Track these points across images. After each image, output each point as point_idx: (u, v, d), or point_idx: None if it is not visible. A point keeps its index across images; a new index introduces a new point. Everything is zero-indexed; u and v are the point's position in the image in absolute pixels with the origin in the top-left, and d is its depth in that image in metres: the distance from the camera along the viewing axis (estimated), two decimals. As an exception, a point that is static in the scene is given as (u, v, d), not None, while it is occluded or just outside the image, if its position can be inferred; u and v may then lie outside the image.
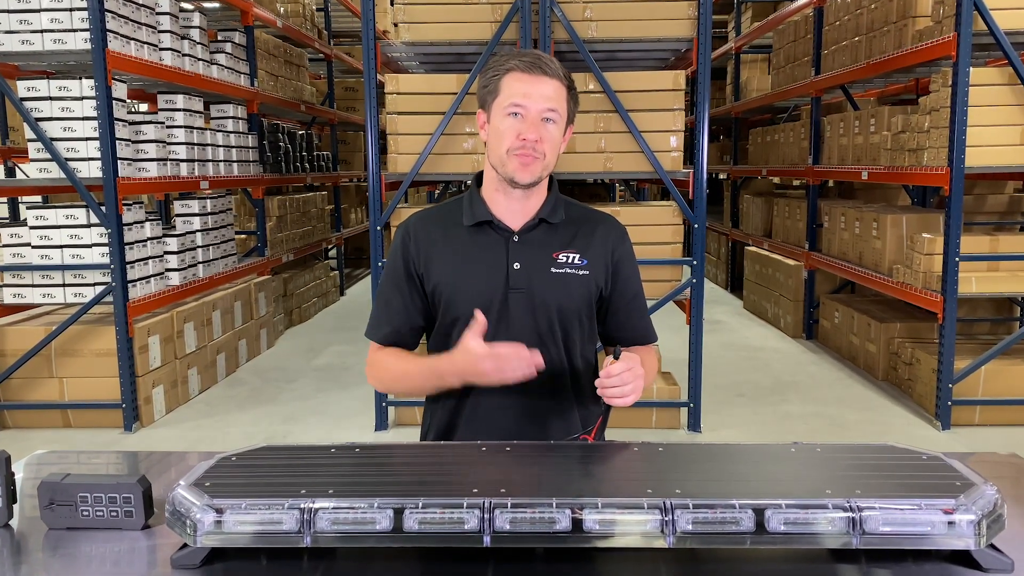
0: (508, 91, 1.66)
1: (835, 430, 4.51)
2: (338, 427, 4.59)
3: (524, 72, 1.65)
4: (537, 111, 1.64)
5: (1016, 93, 4.33)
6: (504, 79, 1.67)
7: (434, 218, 1.80)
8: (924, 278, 4.58)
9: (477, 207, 1.75)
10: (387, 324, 1.79)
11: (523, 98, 1.64)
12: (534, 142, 1.63)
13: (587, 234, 1.77)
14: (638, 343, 1.84)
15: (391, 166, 4.38)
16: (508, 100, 1.65)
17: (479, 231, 1.74)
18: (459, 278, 1.73)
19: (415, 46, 4.45)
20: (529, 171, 1.66)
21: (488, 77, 1.70)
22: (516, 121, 1.65)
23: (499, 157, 1.68)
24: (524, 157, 1.65)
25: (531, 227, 1.74)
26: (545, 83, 1.65)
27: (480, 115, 1.74)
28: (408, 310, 1.78)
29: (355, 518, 1.12)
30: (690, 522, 1.10)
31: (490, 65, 1.72)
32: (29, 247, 4.50)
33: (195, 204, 5.38)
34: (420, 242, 1.76)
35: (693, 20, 4.30)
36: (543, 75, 1.64)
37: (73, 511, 1.26)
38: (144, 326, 4.60)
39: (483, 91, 1.72)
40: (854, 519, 1.10)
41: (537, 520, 1.11)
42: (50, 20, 4.28)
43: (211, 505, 1.13)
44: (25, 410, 4.57)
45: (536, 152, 1.64)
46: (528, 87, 1.64)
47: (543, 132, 1.65)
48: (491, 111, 1.69)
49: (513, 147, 1.64)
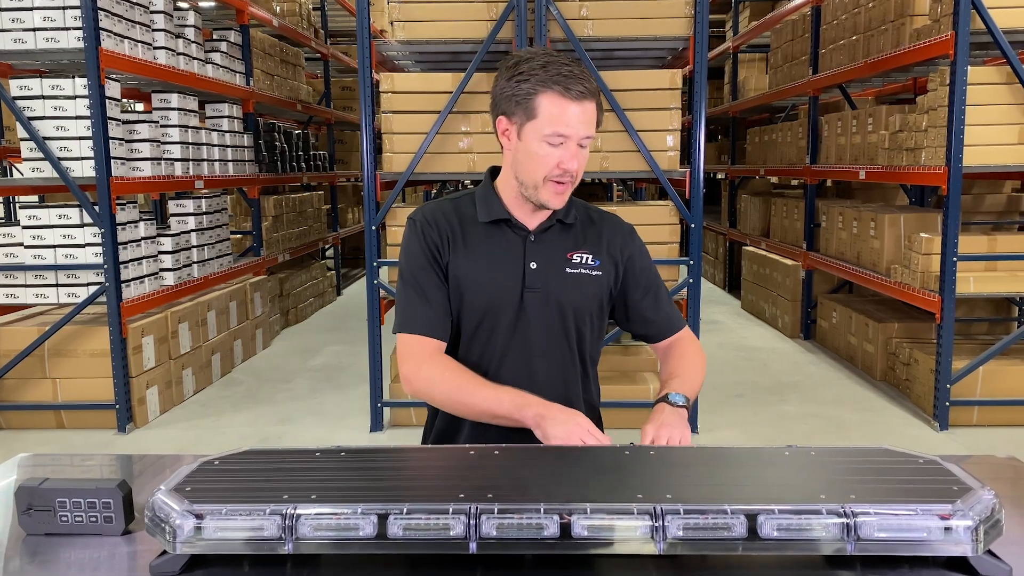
0: (548, 116, 1.55)
1: (833, 431, 4.49)
2: (334, 428, 4.57)
3: (567, 98, 1.54)
4: (578, 138, 1.57)
5: (1014, 92, 4.31)
6: (542, 99, 1.55)
7: (448, 211, 1.74)
8: (922, 278, 4.56)
9: (493, 204, 1.71)
10: (426, 314, 1.66)
11: (566, 127, 1.55)
12: (574, 170, 1.59)
13: (598, 234, 1.76)
14: (665, 335, 1.83)
15: (387, 165, 4.36)
16: (550, 128, 1.55)
17: (495, 228, 1.71)
18: (477, 275, 1.68)
19: (411, 45, 4.42)
20: (562, 198, 1.64)
21: (518, 86, 1.57)
22: (557, 150, 1.57)
23: (533, 181, 1.61)
24: (559, 186, 1.61)
25: (547, 227, 1.72)
26: (586, 107, 1.56)
27: (502, 122, 1.64)
28: (444, 297, 1.68)
29: (338, 524, 1.09)
30: (681, 528, 1.08)
31: (518, 69, 1.58)
32: (22, 247, 4.47)
33: (190, 204, 5.35)
34: (442, 230, 1.70)
35: (690, 19, 4.28)
36: (584, 99, 1.55)
37: (51, 516, 1.24)
38: (138, 326, 4.57)
39: (510, 100, 1.59)
40: (848, 525, 1.07)
41: (525, 526, 1.09)
42: (43, 18, 4.26)
43: (191, 511, 1.11)
44: (18, 411, 4.54)
45: (572, 178, 1.61)
46: (572, 116, 1.55)
47: (580, 158, 1.60)
48: (524, 130, 1.59)
49: (552, 175, 1.59)
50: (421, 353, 1.66)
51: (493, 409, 1.59)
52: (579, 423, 1.50)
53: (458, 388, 1.62)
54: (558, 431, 1.49)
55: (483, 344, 1.71)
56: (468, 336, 1.72)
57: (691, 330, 1.87)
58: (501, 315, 1.69)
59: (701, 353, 1.83)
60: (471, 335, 1.71)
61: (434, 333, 1.67)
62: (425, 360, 1.65)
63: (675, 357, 1.81)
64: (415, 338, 1.67)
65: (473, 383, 1.62)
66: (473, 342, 1.72)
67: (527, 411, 1.54)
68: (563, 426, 1.49)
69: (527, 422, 1.54)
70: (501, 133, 1.66)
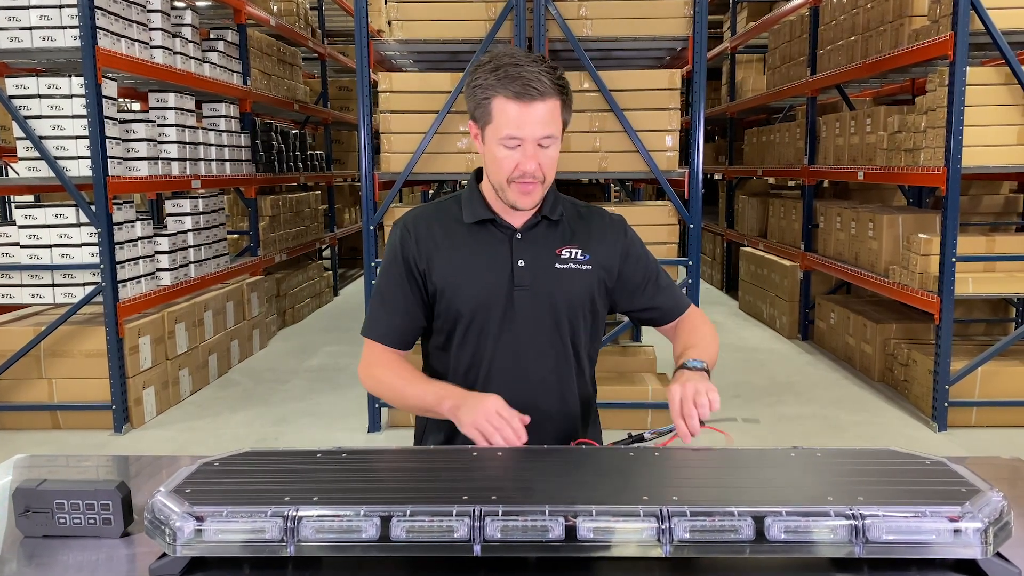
0: (501, 120, 1.57)
1: (831, 432, 4.48)
2: (331, 429, 4.55)
3: (517, 101, 1.55)
4: (533, 139, 1.58)
5: (1013, 93, 4.31)
6: (495, 103, 1.57)
7: (432, 215, 1.76)
8: (920, 279, 4.56)
9: (477, 205, 1.72)
10: (387, 323, 1.75)
11: (517, 129, 1.56)
12: (533, 171, 1.59)
13: (587, 229, 1.76)
14: (673, 317, 1.84)
15: (384, 165, 4.34)
16: (503, 131, 1.57)
17: (481, 229, 1.72)
18: (463, 276, 1.69)
19: (409, 44, 4.41)
20: (531, 198, 1.64)
21: (475, 93, 1.60)
22: (513, 152, 1.59)
23: (499, 183, 1.64)
24: (524, 186, 1.61)
25: (533, 224, 1.72)
26: (537, 108, 1.56)
27: (472, 126, 1.67)
28: (409, 309, 1.74)
29: (341, 526, 1.08)
30: (687, 530, 1.07)
31: (477, 75, 1.60)
32: (18, 247, 4.44)
33: (187, 203, 5.33)
34: (421, 240, 1.72)
35: (689, 19, 4.27)
36: (534, 100, 1.55)
37: (49, 518, 1.22)
38: (134, 327, 4.55)
39: (472, 105, 1.64)
40: (857, 527, 1.06)
41: (529, 528, 1.08)
42: (39, 17, 4.23)
43: (191, 513, 1.10)
44: (13, 411, 4.51)
45: (536, 178, 1.61)
46: (522, 117, 1.56)
47: (541, 158, 1.60)
48: (484, 133, 1.63)
49: (512, 177, 1.61)
50: (372, 357, 1.76)
51: (423, 404, 1.67)
52: (486, 406, 1.52)
53: (395, 387, 1.72)
54: (468, 417, 1.53)
55: (475, 343, 1.72)
56: (460, 336, 1.72)
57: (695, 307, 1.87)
58: (491, 314, 1.69)
59: (711, 325, 1.84)
60: (463, 335, 1.72)
61: (387, 341, 1.75)
62: (375, 363, 1.75)
63: (685, 332, 1.81)
64: (370, 343, 1.77)
65: (408, 381, 1.71)
66: (465, 342, 1.72)
67: (445, 403, 1.60)
68: (473, 411, 1.53)
69: (445, 414, 1.60)
70: (473, 137, 1.70)
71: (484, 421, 1.50)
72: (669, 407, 1.53)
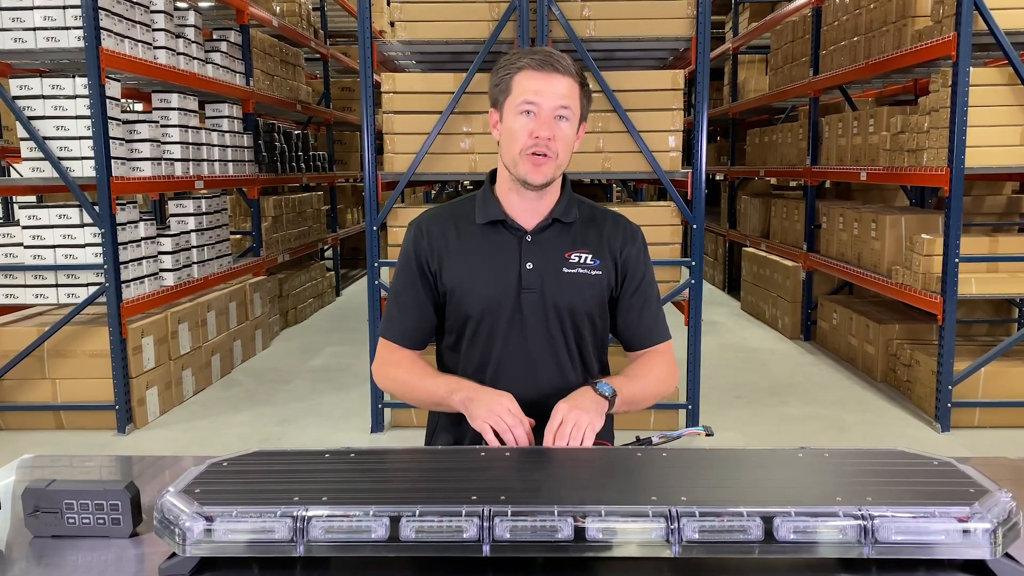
0: (520, 89, 1.64)
1: (834, 432, 4.48)
2: (334, 429, 4.55)
3: (536, 70, 1.63)
4: (550, 108, 1.62)
5: (1016, 93, 4.30)
6: (516, 77, 1.65)
7: (446, 216, 1.78)
8: (923, 279, 4.56)
9: (490, 205, 1.73)
10: (401, 323, 1.79)
11: (535, 95, 1.62)
12: (547, 140, 1.61)
13: (599, 233, 1.76)
14: (643, 345, 1.80)
15: (387, 166, 4.34)
16: (520, 98, 1.63)
17: (492, 230, 1.73)
18: (472, 277, 1.71)
19: (412, 45, 4.41)
20: (541, 172, 1.64)
21: (500, 75, 1.68)
22: (529, 119, 1.63)
23: (512, 157, 1.66)
24: (537, 157, 1.63)
25: (544, 227, 1.72)
26: (558, 80, 1.63)
27: (492, 114, 1.73)
28: (422, 309, 1.77)
29: (350, 526, 1.08)
30: (696, 530, 1.07)
31: (501, 63, 1.70)
32: (22, 247, 4.45)
33: (190, 204, 5.33)
34: (433, 240, 1.75)
35: (692, 19, 4.27)
36: (555, 72, 1.62)
37: (59, 518, 1.22)
38: (138, 327, 4.56)
39: (495, 90, 1.70)
40: (866, 527, 1.06)
41: (538, 528, 1.08)
42: (43, 18, 4.24)
43: (201, 513, 1.10)
44: (17, 412, 4.51)
45: (549, 151, 1.63)
46: (540, 84, 1.62)
47: (556, 130, 1.63)
48: (503, 110, 1.68)
49: (526, 146, 1.63)
50: (386, 355, 1.80)
51: (434, 397, 1.69)
52: (500, 402, 1.54)
53: (407, 383, 1.75)
54: (480, 411, 1.54)
55: (484, 344, 1.73)
56: (469, 337, 1.73)
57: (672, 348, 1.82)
58: (498, 316, 1.70)
59: (672, 369, 1.79)
60: (472, 336, 1.73)
61: (402, 341, 1.79)
62: (388, 362, 1.79)
63: (639, 364, 1.78)
64: (385, 343, 1.80)
65: (420, 375, 1.74)
66: (474, 343, 1.73)
67: (456, 396, 1.62)
68: (485, 406, 1.54)
69: (456, 406, 1.61)
70: (492, 126, 1.74)
71: (497, 417, 1.51)
72: (551, 418, 1.52)
